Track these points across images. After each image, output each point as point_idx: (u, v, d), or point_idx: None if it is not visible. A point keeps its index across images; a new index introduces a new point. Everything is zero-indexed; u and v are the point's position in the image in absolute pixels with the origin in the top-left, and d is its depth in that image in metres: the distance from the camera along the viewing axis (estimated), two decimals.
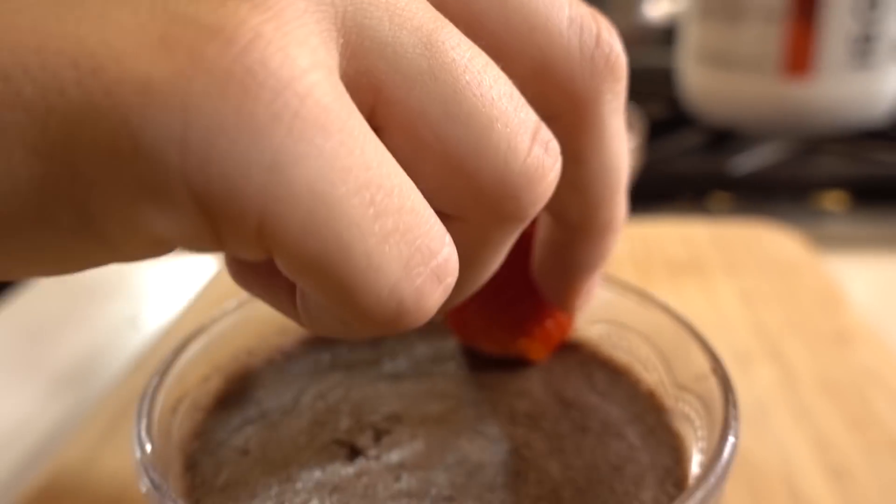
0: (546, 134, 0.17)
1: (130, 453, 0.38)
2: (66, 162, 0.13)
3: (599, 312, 0.26)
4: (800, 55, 0.68)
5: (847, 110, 0.70)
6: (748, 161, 0.67)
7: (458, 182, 0.16)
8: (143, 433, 0.18)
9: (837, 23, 0.66)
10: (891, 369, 0.43)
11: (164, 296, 0.57)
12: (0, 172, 0.13)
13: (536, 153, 0.16)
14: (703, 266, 0.55)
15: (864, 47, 0.67)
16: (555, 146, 0.17)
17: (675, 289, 0.52)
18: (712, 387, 0.20)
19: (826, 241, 0.60)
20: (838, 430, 0.39)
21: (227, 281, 0.18)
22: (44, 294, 0.58)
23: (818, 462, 0.37)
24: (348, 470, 0.20)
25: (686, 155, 0.70)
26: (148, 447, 0.18)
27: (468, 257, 0.18)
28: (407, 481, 0.20)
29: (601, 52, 0.19)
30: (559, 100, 0.19)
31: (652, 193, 0.66)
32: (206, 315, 0.24)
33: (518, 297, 0.24)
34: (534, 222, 0.22)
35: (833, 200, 0.67)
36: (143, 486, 0.17)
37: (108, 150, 0.13)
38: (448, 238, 0.16)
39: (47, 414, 0.45)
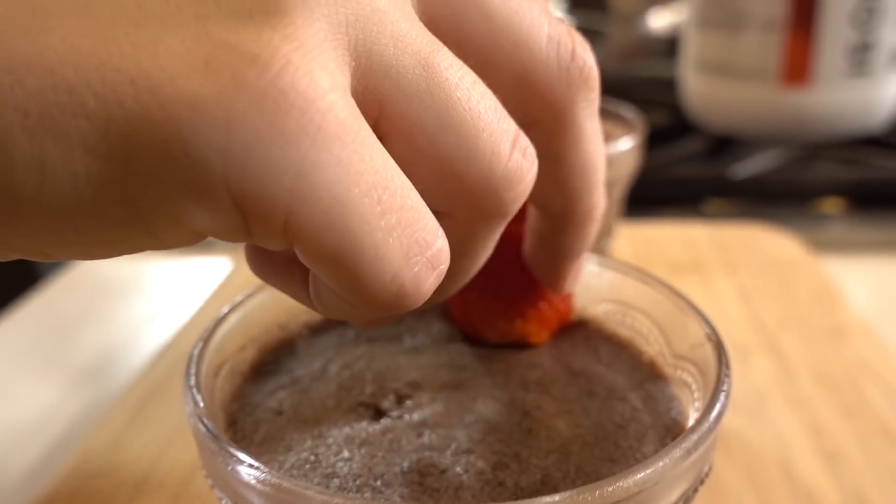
0: (524, 141, 0.20)
1: (158, 434, 0.40)
2: (121, 164, 0.16)
3: (604, 292, 0.28)
4: (798, 64, 0.70)
5: (845, 118, 0.72)
6: (748, 167, 0.69)
7: (449, 183, 0.19)
8: (194, 390, 0.20)
9: (835, 32, 0.68)
10: (884, 362, 0.45)
11: (182, 296, 0.59)
12: (62, 170, 0.15)
13: (516, 158, 0.19)
14: (703, 266, 0.57)
15: (862, 56, 0.69)
16: (532, 152, 0.20)
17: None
18: (707, 353, 0.22)
19: (824, 246, 0.61)
20: (832, 417, 0.41)
21: (239, 282, 0.20)
22: (67, 292, 0.61)
23: (813, 446, 0.38)
24: (374, 427, 0.22)
25: (688, 161, 0.72)
26: (200, 402, 0.20)
27: (459, 250, 0.20)
28: (429, 437, 0.21)
29: (576, 65, 0.22)
30: (539, 107, 0.22)
31: (655, 197, 0.68)
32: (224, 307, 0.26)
33: (511, 283, 0.26)
34: (522, 220, 0.25)
35: (831, 205, 0.68)
36: (199, 434, 0.19)
37: (161, 155, 0.15)
38: (441, 232, 0.18)
39: (71, 405, 0.47)
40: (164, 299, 0.59)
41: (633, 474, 0.17)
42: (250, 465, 0.17)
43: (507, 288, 0.26)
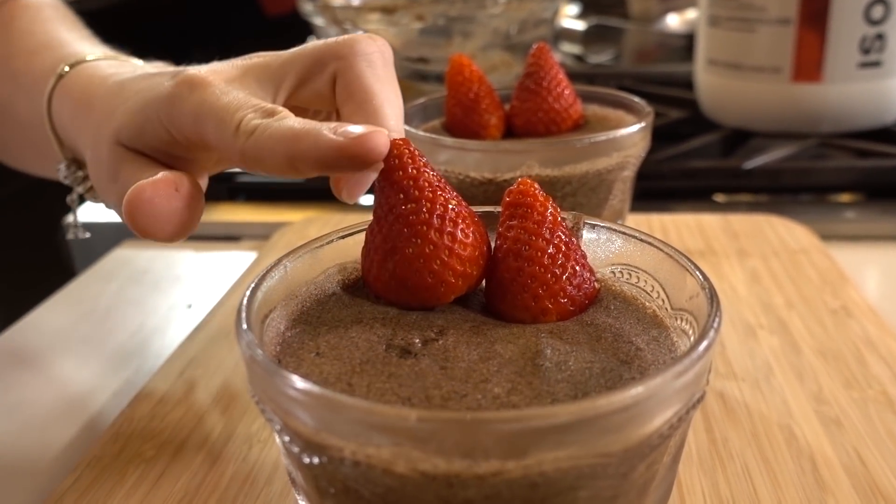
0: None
1: (195, 403, 0.43)
2: None
3: (612, 257, 0.30)
4: (811, 59, 0.71)
5: (858, 112, 0.73)
6: (762, 160, 0.70)
7: None
8: (246, 326, 0.23)
9: (848, 26, 0.69)
10: (888, 339, 0.46)
11: (210, 284, 0.62)
12: None
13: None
14: (716, 251, 0.59)
15: (874, 50, 0.70)
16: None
17: None
18: (701, 301, 0.25)
19: (837, 237, 0.63)
20: (835, 387, 0.43)
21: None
22: (102, 281, 0.64)
23: (815, 413, 0.41)
24: (401, 363, 0.25)
25: (703, 154, 0.74)
26: (252, 336, 0.23)
27: None
28: (451, 371, 0.24)
29: None
30: None
31: (671, 189, 0.71)
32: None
33: (535, 283, 0.28)
34: (542, 222, 0.27)
35: (845, 197, 0.70)
36: (252, 359, 0.22)
37: None
38: None
39: (111, 382, 0.50)
40: (193, 287, 0.62)
41: (628, 389, 0.20)
42: (297, 381, 0.20)
43: (531, 288, 0.28)
